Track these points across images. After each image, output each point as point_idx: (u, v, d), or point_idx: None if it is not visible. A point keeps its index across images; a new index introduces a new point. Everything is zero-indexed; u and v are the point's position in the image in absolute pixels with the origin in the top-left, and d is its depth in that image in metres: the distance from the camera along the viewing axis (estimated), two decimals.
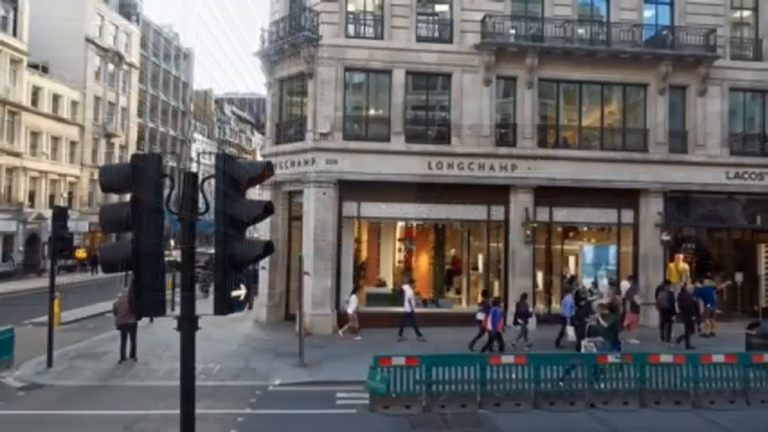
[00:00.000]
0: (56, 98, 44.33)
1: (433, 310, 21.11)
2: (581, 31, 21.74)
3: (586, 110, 22.49)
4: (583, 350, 14.17)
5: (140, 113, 56.89)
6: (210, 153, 57.63)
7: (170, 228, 28.02)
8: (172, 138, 64.07)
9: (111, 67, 50.64)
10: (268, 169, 5.53)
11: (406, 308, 18.72)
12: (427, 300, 21.92)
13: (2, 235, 39.49)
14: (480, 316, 17.13)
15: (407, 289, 19.15)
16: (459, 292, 23.15)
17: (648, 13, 22.57)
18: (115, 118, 51.37)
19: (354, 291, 19.68)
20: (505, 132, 21.57)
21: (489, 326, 16.32)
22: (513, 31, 21.27)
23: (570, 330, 16.96)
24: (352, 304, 19.08)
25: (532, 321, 17.94)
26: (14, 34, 39.86)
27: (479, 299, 19.24)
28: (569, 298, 18.18)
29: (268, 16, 22.85)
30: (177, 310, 5.37)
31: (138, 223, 5.08)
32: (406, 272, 22.57)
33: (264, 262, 20.36)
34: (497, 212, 21.26)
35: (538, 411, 11.81)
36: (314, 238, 19.98)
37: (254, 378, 14.43)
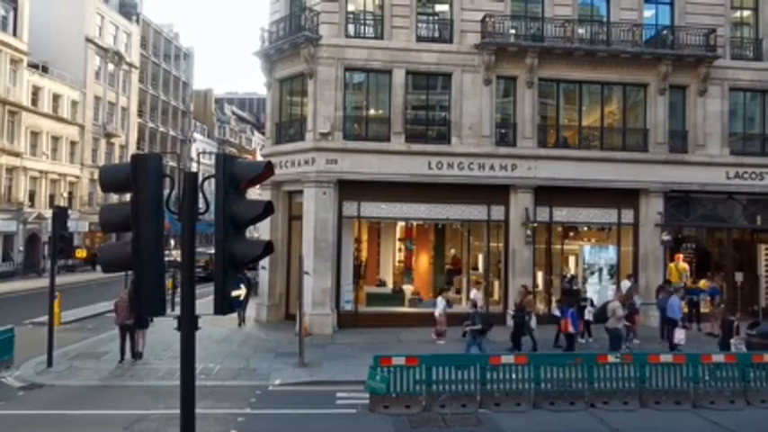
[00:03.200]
0: (56, 98, 44.29)
1: (432, 310, 21.04)
2: (581, 30, 21.71)
3: (586, 110, 22.48)
4: (733, 348, 14.06)
5: (140, 113, 56.88)
6: (210, 153, 57.57)
7: (170, 228, 27.97)
8: (172, 138, 64.06)
9: (111, 67, 50.63)
10: (268, 169, 5.50)
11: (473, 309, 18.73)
12: (426, 299, 21.86)
13: (2, 235, 39.48)
14: (558, 313, 17.43)
15: (474, 291, 19.36)
16: (459, 292, 23.13)
17: (648, 12, 22.53)
18: (115, 118, 51.38)
19: (440, 293, 19.47)
20: (505, 132, 21.57)
21: (571, 328, 16.31)
22: (513, 31, 21.28)
23: (681, 333, 16.47)
24: (439, 306, 18.64)
25: (533, 321, 17.86)
26: (14, 34, 39.83)
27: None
28: (676, 299, 17.76)
29: (268, 16, 22.87)
30: (177, 310, 5.37)
31: (138, 223, 5.07)
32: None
33: (264, 262, 20.34)
34: (497, 212, 21.27)
35: (538, 411, 11.84)
36: (314, 238, 19.97)
37: (254, 378, 14.45)
